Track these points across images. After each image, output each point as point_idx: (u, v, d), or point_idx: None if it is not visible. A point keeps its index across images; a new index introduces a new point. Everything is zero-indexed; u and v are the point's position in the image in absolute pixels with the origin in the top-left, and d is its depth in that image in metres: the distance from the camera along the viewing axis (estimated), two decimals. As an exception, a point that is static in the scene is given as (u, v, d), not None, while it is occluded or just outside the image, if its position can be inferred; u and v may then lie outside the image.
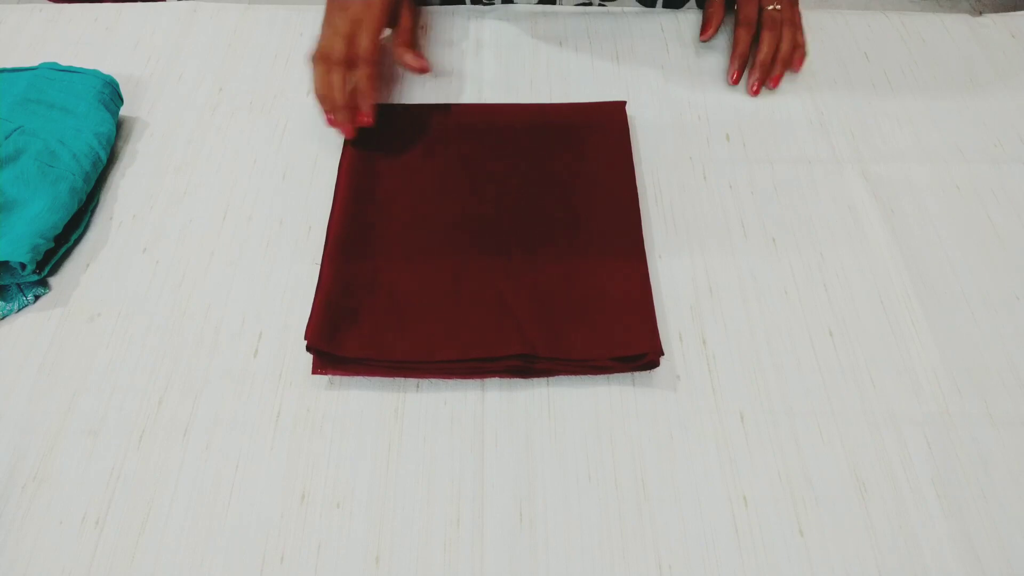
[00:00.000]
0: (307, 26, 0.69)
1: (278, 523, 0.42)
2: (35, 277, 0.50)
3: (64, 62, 0.60)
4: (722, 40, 0.68)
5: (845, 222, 0.55)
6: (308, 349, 0.46)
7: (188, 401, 0.46)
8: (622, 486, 0.43)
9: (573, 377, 0.47)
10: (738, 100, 0.63)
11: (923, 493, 0.43)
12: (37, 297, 0.51)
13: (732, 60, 0.64)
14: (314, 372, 0.47)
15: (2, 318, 0.50)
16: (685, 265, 0.53)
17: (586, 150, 0.57)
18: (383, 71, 0.58)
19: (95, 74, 0.59)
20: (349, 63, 0.57)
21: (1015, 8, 0.72)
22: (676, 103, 0.63)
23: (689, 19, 0.70)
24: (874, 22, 0.70)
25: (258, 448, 0.45)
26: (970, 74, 0.65)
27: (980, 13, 0.71)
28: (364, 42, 0.57)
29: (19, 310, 0.50)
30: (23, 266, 0.49)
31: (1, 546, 0.41)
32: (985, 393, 0.47)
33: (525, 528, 0.42)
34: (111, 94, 0.60)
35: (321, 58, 0.57)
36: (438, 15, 0.70)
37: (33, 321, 0.50)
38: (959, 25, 0.69)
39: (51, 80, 0.58)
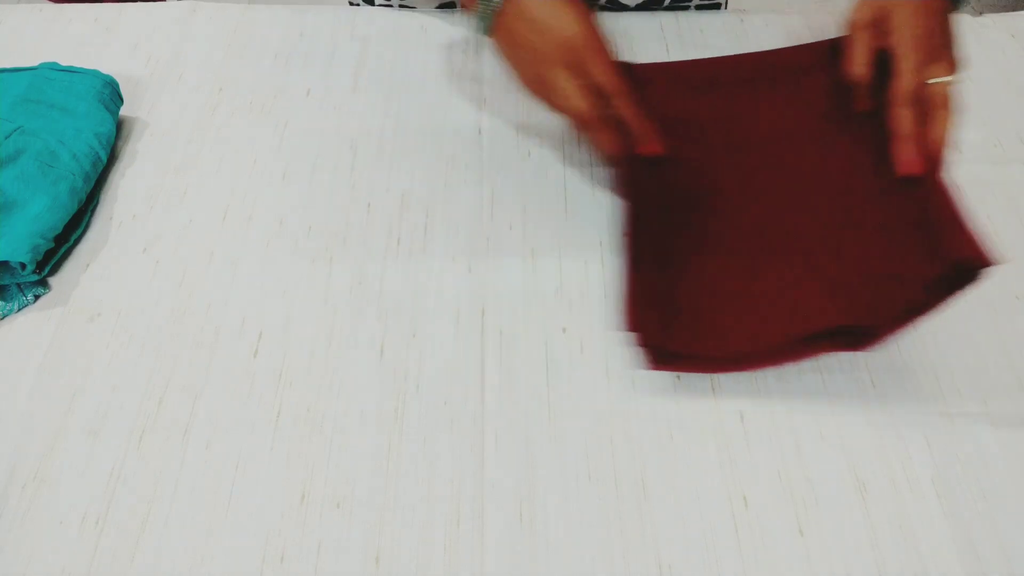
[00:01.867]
0: (307, 26, 0.69)
1: (278, 523, 0.42)
2: (35, 277, 0.50)
3: (64, 62, 0.60)
4: (723, 41, 0.68)
5: (845, 222, 0.55)
6: (642, 345, 0.46)
7: (188, 401, 0.46)
8: (622, 486, 0.43)
9: (572, 377, 0.47)
10: (738, 100, 0.63)
11: (923, 493, 0.43)
12: (37, 297, 0.51)
13: (903, 145, 0.48)
14: (652, 368, 0.46)
15: (2, 318, 0.50)
16: (685, 265, 0.52)
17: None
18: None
19: (95, 74, 0.59)
20: (605, 108, 0.51)
21: (1015, 8, 0.72)
22: (676, 103, 0.63)
23: (689, 19, 0.70)
24: (874, 22, 0.70)
25: (258, 448, 0.45)
26: (970, 74, 0.65)
27: (980, 13, 0.71)
28: (600, 77, 0.51)
29: (19, 310, 0.50)
30: (23, 266, 0.49)
31: (1, 546, 0.41)
32: (985, 393, 0.47)
33: (525, 528, 0.42)
34: (111, 94, 0.60)
35: (584, 123, 0.52)
36: (438, 15, 0.70)
37: (33, 321, 0.50)
38: (959, 25, 0.69)
39: (51, 80, 0.58)
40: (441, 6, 0.70)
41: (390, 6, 0.71)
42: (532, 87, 0.53)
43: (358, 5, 0.73)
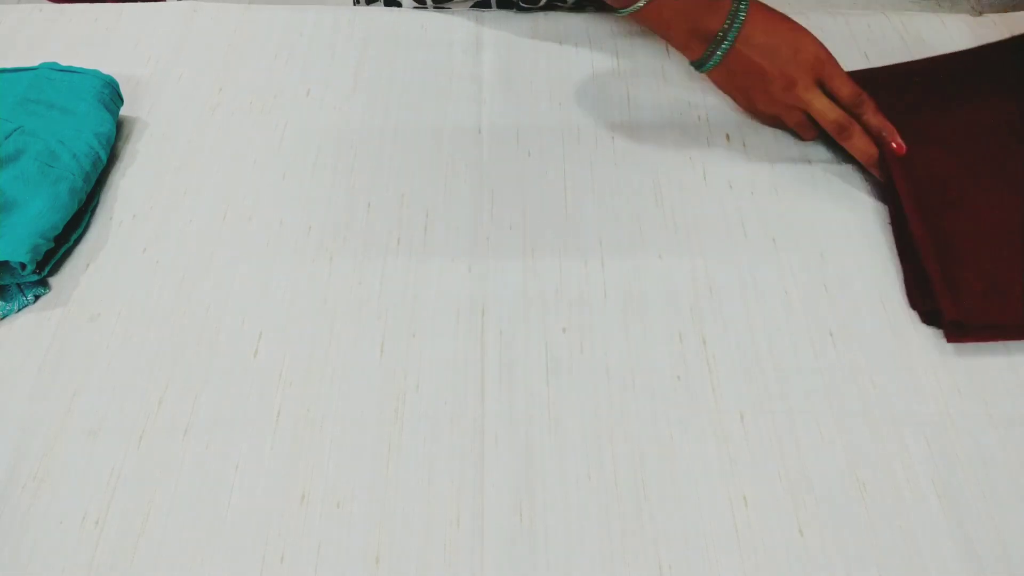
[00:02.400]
0: (307, 26, 0.69)
1: (278, 523, 0.42)
2: (35, 277, 0.50)
3: (64, 62, 0.60)
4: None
5: (845, 222, 0.55)
6: (947, 323, 0.47)
7: (188, 401, 0.46)
8: (622, 486, 0.43)
9: (572, 377, 0.47)
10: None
11: (923, 493, 0.43)
12: (37, 297, 0.51)
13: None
14: (950, 340, 0.48)
15: (2, 318, 0.50)
16: (685, 265, 0.53)
17: None
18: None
19: (95, 74, 0.59)
20: (855, 115, 0.56)
21: (1015, 8, 0.72)
22: (676, 103, 0.63)
23: (689, 19, 0.70)
24: (874, 22, 0.70)
25: (258, 448, 0.45)
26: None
27: (980, 13, 0.71)
28: (844, 89, 0.56)
29: (19, 310, 0.50)
30: (23, 266, 0.49)
31: (1, 546, 0.41)
32: (985, 393, 0.46)
33: (525, 528, 0.42)
34: (111, 94, 0.60)
35: (840, 130, 0.56)
36: (438, 15, 0.70)
37: (33, 321, 0.50)
38: (959, 25, 0.69)
39: (51, 80, 0.58)
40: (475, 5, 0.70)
41: (398, 6, 0.71)
42: (775, 109, 0.57)
43: (358, 3, 0.73)
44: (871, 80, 0.60)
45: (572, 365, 0.48)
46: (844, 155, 0.58)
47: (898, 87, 0.61)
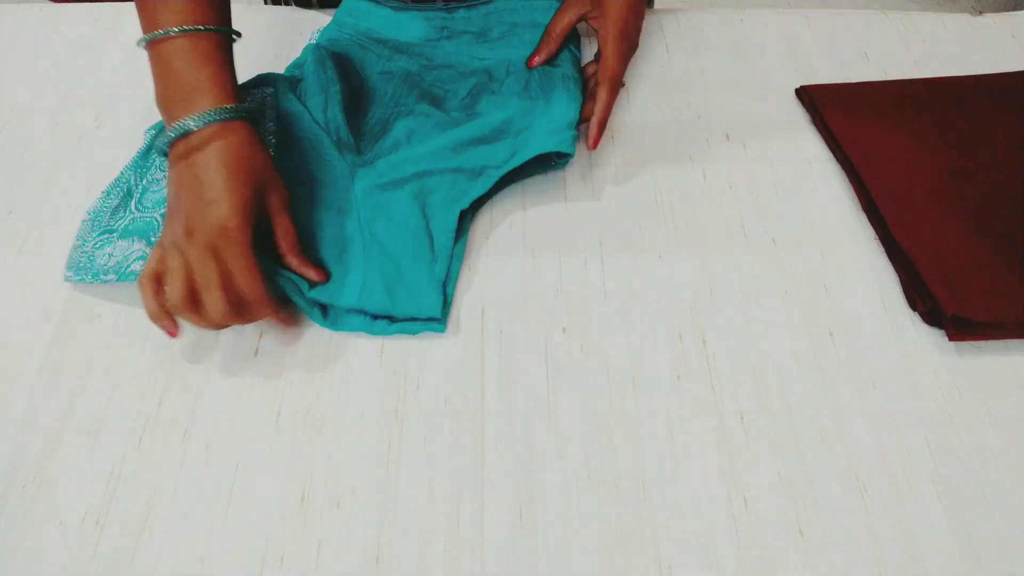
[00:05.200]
0: (307, 26, 0.69)
1: (278, 523, 0.42)
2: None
3: (64, 62, 0.60)
4: (723, 40, 0.68)
5: (845, 222, 0.55)
6: (948, 319, 0.48)
7: (188, 401, 0.46)
8: (622, 486, 0.43)
9: (572, 377, 0.47)
10: (738, 100, 0.63)
11: (923, 493, 0.43)
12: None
13: (597, 124, 0.57)
14: (952, 339, 0.48)
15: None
16: (685, 265, 0.53)
17: None
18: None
19: None
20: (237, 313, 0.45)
21: (1015, 8, 0.72)
22: (676, 103, 0.63)
23: (689, 19, 0.70)
24: (874, 22, 0.70)
25: (258, 448, 0.45)
26: (970, 74, 0.65)
27: (980, 13, 0.71)
28: (243, 281, 0.44)
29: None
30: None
31: (1, 546, 0.41)
32: (985, 393, 0.46)
33: (525, 528, 0.42)
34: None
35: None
36: (438, 14, 0.69)
37: (33, 321, 0.50)
38: (959, 25, 0.69)
39: None
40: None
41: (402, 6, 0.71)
42: (169, 237, 0.45)
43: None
44: (860, 93, 0.61)
45: (572, 365, 0.48)
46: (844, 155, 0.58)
47: (891, 100, 0.61)
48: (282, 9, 0.72)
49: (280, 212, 0.48)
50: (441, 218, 0.53)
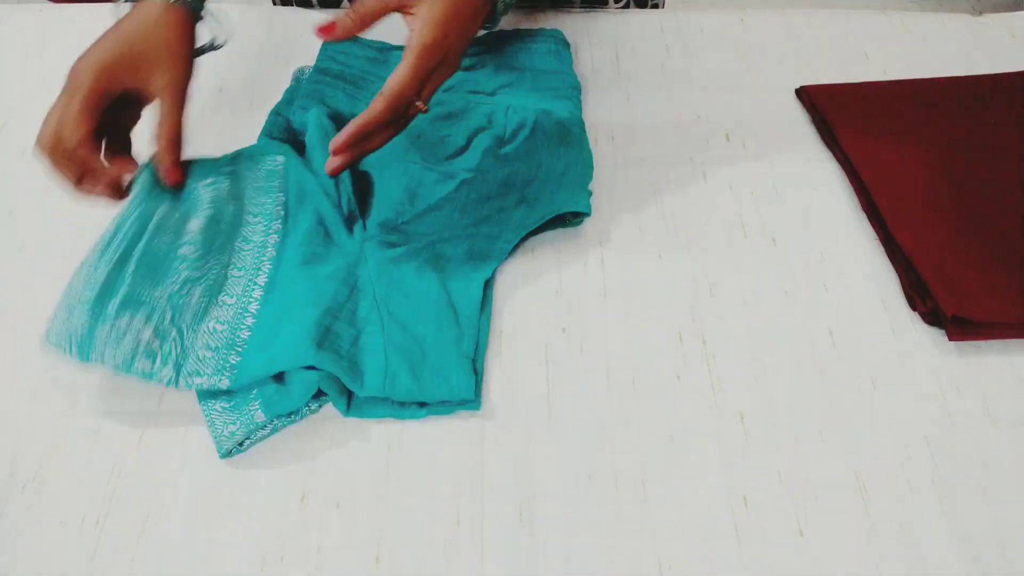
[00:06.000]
0: (307, 26, 0.68)
1: (278, 523, 0.42)
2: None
3: (64, 62, 0.60)
4: (723, 40, 0.68)
5: (845, 222, 0.55)
6: (948, 319, 0.47)
7: (188, 401, 0.46)
8: (622, 486, 0.43)
9: (573, 377, 0.47)
10: (738, 100, 0.63)
11: (923, 493, 0.43)
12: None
13: (333, 149, 0.46)
14: (952, 338, 0.48)
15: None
16: (685, 265, 0.53)
17: None
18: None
19: None
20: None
21: (1015, 8, 0.72)
22: (676, 103, 0.63)
23: (689, 19, 0.70)
24: (874, 22, 0.70)
25: (258, 448, 0.45)
26: (970, 74, 0.65)
27: (980, 13, 0.71)
28: (64, 123, 0.46)
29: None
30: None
31: (1, 546, 0.41)
32: (985, 393, 0.46)
33: (525, 528, 0.42)
34: None
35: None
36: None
37: (33, 321, 0.50)
38: (959, 25, 0.69)
39: None
40: None
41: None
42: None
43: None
44: (860, 93, 0.61)
45: (572, 365, 0.48)
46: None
47: (891, 100, 0.61)
48: (281, 9, 0.72)
49: (167, 94, 0.48)
50: (463, 288, 0.49)
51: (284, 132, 0.58)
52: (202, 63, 0.52)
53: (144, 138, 0.50)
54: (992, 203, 0.54)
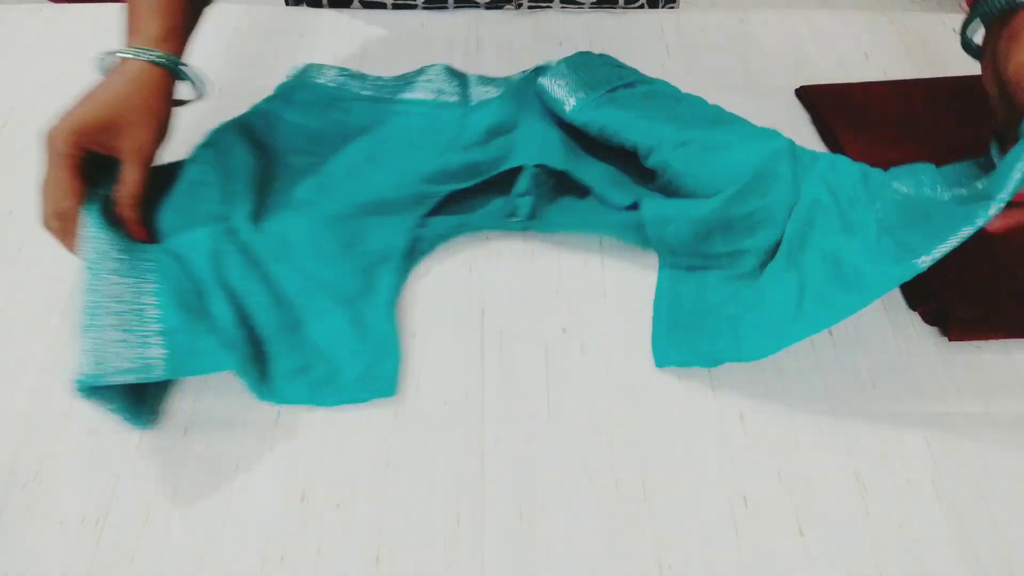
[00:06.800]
0: (307, 26, 0.69)
1: (278, 523, 0.42)
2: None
3: (64, 62, 0.60)
4: (723, 40, 0.68)
5: (845, 222, 0.55)
6: (949, 319, 0.48)
7: (188, 401, 0.46)
8: (622, 486, 0.43)
9: (572, 377, 0.47)
10: (737, 100, 0.63)
11: (923, 493, 0.43)
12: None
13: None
14: (952, 338, 0.48)
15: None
16: (685, 265, 0.52)
17: None
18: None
19: None
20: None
21: (1015, 8, 0.72)
22: (676, 103, 0.63)
23: (689, 19, 0.70)
24: (874, 22, 0.70)
25: (258, 448, 0.45)
26: (970, 74, 0.65)
27: (980, 13, 0.71)
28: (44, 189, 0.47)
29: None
30: None
31: (1, 546, 0.41)
32: (985, 393, 0.46)
33: (525, 528, 0.42)
34: None
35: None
36: (438, 15, 0.70)
37: (33, 321, 0.50)
38: (959, 25, 0.69)
39: None
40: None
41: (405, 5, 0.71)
42: None
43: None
44: (860, 93, 0.61)
45: (572, 365, 0.48)
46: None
47: (891, 100, 0.62)
48: (281, 9, 0.72)
49: (134, 157, 0.48)
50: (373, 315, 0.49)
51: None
52: (201, 63, 0.52)
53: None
54: None
